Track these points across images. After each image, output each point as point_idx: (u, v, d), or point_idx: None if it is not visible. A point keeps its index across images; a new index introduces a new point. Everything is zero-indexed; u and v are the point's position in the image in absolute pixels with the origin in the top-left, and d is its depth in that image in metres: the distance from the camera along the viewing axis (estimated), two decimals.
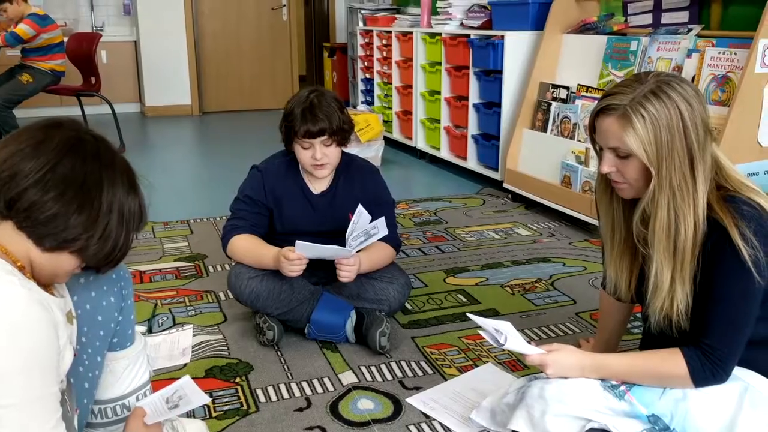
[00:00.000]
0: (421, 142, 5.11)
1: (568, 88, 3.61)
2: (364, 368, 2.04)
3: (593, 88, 3.47)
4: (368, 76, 6.04)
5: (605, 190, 1.56)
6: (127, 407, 1.47)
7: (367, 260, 2.16)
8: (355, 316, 2.15)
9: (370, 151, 4.58)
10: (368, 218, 2.04)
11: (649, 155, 1.36)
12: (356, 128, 4.45)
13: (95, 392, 1.41)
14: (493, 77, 4.11)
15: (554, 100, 3.68)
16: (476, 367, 2.04)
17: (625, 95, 1.37)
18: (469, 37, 4.28)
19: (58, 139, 1.11)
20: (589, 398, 1.44)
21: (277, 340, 2.15)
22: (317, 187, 2.27)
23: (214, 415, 1.80)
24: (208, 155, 5.64)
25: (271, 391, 1.92)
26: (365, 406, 1.85)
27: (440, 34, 4.63)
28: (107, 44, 7.03)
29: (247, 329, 2.28)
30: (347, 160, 2.30)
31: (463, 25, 4.53)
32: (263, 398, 1.88)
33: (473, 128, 4.38)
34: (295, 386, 1.94)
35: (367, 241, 2.08)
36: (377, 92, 5.81)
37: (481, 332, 1.56)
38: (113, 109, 5.41)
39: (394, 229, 2.33)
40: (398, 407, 1.84)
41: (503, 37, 3.96)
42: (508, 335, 1.48)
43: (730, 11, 3.16)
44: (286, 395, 1.90)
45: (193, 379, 1.36)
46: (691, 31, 3.12)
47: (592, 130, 1.47)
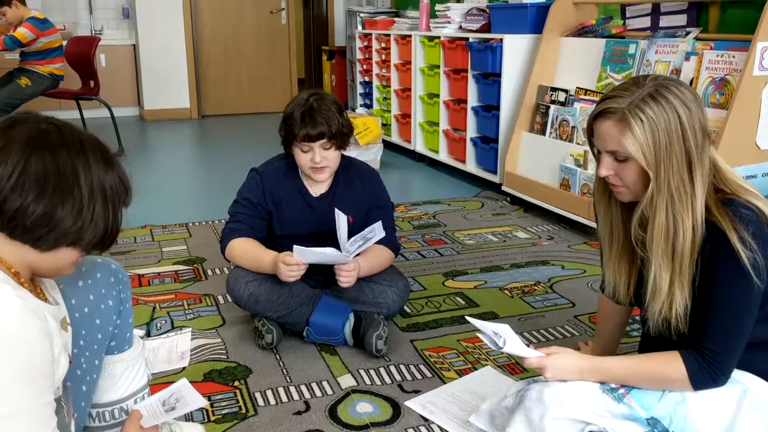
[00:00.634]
0: (419, 145, 5.12)
1: (566, 91, 3.62)
2: (362, 371, 2.03)
3: (592, 91, 3.48)
4: (367, 79, 6.04)
5: (603, 193, 1.56)
6: (125, 410, 1.47)
7: (366, 264, 2.16)
8: (353, 318, 2.15)
9: (368, 154, 4.59)
10: (345, 218, 2.03)
11: (647, 159, 1.36)
12: (355, 131, 4.44)
13: (93, 395, 1.41)
14: (491, 80, 4.11)
15: (553, 103, 3.68)
16: (475, 370, 2.04)
17: (623, 99, 1.37)
18: (467, 40, 4.29)
19: (18, 138, 1.08)
20: (588, 401, 1.44)
21: (275, 343, 2.15)
22: (316, 189, 2.27)
23: (212, 418, 1.80)
24: (207, 159, 5.64)
25: (269, 394, 1.92)
26: (364, 409, 1.84)
27: (439, 37, 4.63)
28: (106, 48, 7.04)
29: (245, 332, 2.28)
30: (346, 163, 2.30)
31: (461, 28, 4.54)
32: (262, 402, 1.88)
33: (472, 131, 4.39)
34: (293, 390, 1.94)
35: (365, 245, 2.07)
36: (376, 95, 5.82)
37: (479, 335, 1.55)
38: (112, 112, 5.41)
39: (393, 232, 2.33)
40: (397, 411, 1.83)
41: (502, 40, 3.96)
42: (506, 338, 1.48)
43: (728, 14, 3.17)
44: (284, 399, 1.90)
45: (191, 382, 1.36)
46: (689, 34, 3.13)
47: (590, 133, 1.47)
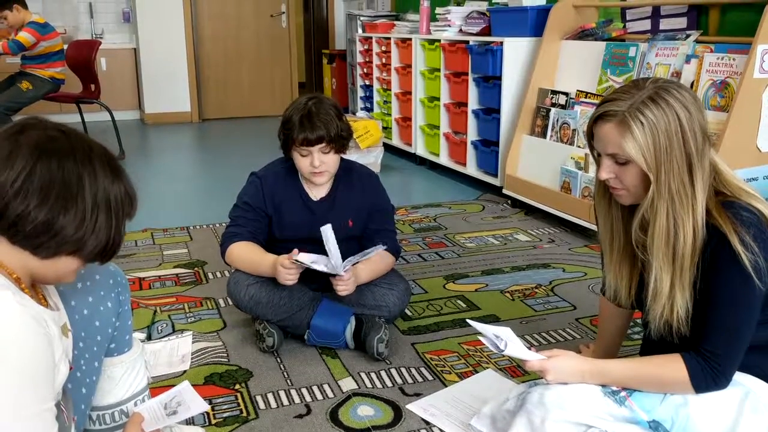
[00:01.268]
0: (420, 148, 5.12)
1: (567, 93, 3.62)
2: (364, 374, 2.03)
3: (592, 93, 3.48)
4: (367, 82, 6.05)
5: (604, 196, 1.56)
6: (125, 413, 1.47)
7: (367, 271, 2.17)
8: (354, 321, 2.15)
9: (369, 157, 4.59)
10: (332, 234, 2.01)
11: (647, 161, 1.36)
12: (356, 135, 4.45)
13: (93, 398, 1.41)
14: (492, 83, 4.12)
15: (553, 105, 3.69)
16: (476, 373, 2.04)
17: (623, 101, 1.37)
18: (468, 43, 4.29)
19: (26, 144, 1.07)
20: (589, 404, 1.43)
21: (276, 346, 2.15)
22: (316, 193, 2.27)
23: (213, 422, 1.79)
24: (207, 162, 5.65)
25: (270, 397, 1.92)
26: (365, 412, 1.84)
27: (439, 40, 4.64)
28: (107, 51, 7.05)
29: (246, 336, 2.28)
30: (346, 166, 2.30)
31: (461, 31, 4.54)
32: (263, 405, 1.88)
33: (472, 134, 4.39)
34: (294, 393, 1.94)
35: (363, 257, 2.08)
36: (376, 99, 5.82)
37: (480, 338, 1.55)
38: (113, 116, 5.41)
39: (393, 235, 2.33)
40: (398, 414, 1.83)
41: (502, 43, 3.97)
42: (508, 341, 1.48)
43: (728, 17, 3.17)
44: (285, 402, 1.90)
45: (192, 385, 1.36)
46: (689, 37, 3.13)
47: (590, 136, 1.47)
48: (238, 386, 1.97)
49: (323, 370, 2.07)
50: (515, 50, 3.95)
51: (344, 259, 2.04)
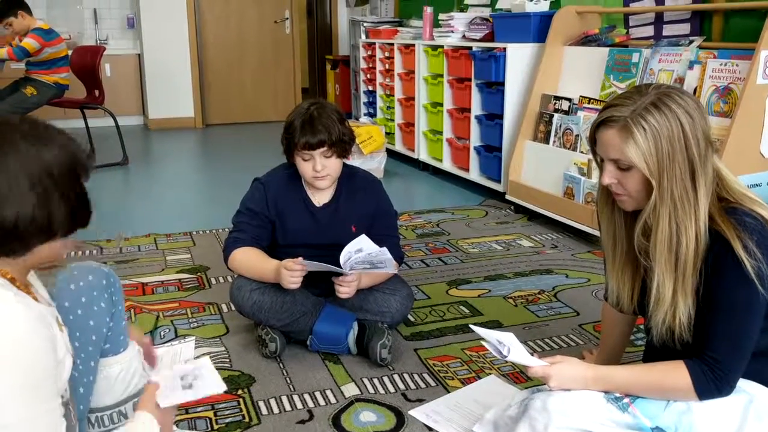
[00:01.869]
0: (423, 153, 5.12)
1: (570, 99, 3.62)
2: (366, 380, 2.03)
3: (595, 99, 3.48)
4: (371, 88, 6.06)
5: (607, 201, 1.56)
6: (123, 414, 1.47)
7: (368, 276, 2.16)
8: (357, 327, 2.15)
9: (372, 162, 4.59)
10: (370, 248, 2.01)
11: (650, 167, 1.36)
12: (359, 140, 4.47)
13: (90, 398, 1.42)
14: (495, 89, 4.12)
15: (556, 111, 3.69)
16: (479, 379, 2.03)
17: (625, 107, 1.37)
18: (471, 49, 4.30)
19: None
20: (592, 410, 1.43)
21: (279, 352, 2.15)
22: (319, 199, 2.27)
23: (216, 427, 1.79)
24: (210, 167, 5.66)
25: (273, 403, 1.92)
26: (368, 418, 1.84)
27: (442, 46, 4.64)
28: (111, 57, 7.08)
29: (249, 341, 2.28)
30: (349, 172, 2.30)
31: (465, 37, 4.55)
32: (265, 410, 1.88)
33: (475, 140, 4.39)
34: (297, 398, 1.94)
35: (370, 270, 2.08)
36: (380, 104, 5.83)
37: (484, 343, 1.55)
38: (117, 121, 5.42)
39: (397, 241, 2.33)
40: (401, 419, 1.83)
41: (505, 49, 3.97)
42: (511, 347, 1.48)
43: (731, 23, 3.17)
44: (288, 407, 1.89)
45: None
46: (692, 42, 3.13)
47: (592, 142, 1.47)
48: (240, 391, 1.97)
49: (326, 375, 2.07)
50: (518, 56, 3.96)
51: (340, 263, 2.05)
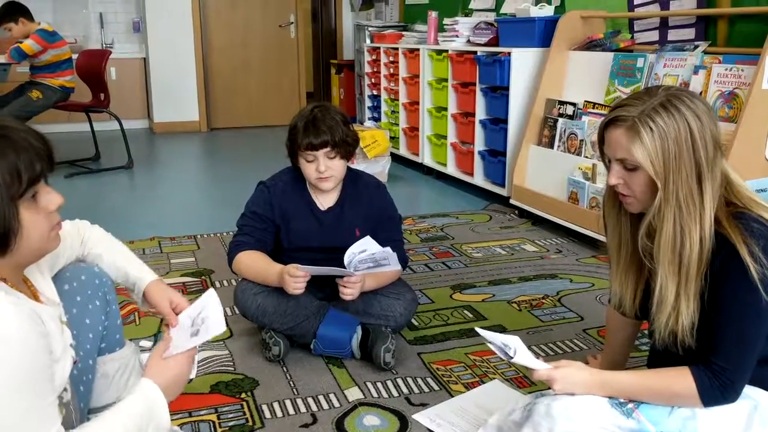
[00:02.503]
0: (427, 158, 5.12)
1: (574, 104, 3.62)
2: (370, 384, 2.03)
3: (600, 104, 3.48)
4: (375, 92, 6.07)
5: (613, 204, 1.56)
6: None
7: (372, 278, 2.16)
8: (360, 331, 2.15)
9: (376, 167, 4.60)
10: (374, 248, 2.03)
11: (655, 168, 1.35)
12: (363, 144, 4.47)
13: (90, 397, 1.42)
14: (499, 93, 4.12)
15: (561, 116, 3.69)
16: (483, 383, 2.03)
17: (634, 107, 1.37)
18: (475, 53, 4.30)
19: None
20: (596, 415, 1.42)
21: (283, 355, 2.15)
22: (324, 202, 2.27)
23: (219, 430, 1.79)
24: (215, 171, 5.67)
25: (276, 407, 1.92)
26: (371, 422, 1.84)
27: (447, 50, 4.65)
28: (116, 61, 7.09)
29: (253, 344, 2.28)
30: (354, 176, 2.31)
31: (469, 42, 4.55)
32: (269, 414, 1.88)
33: (480, 144, 4.39)
34: (300, 402, 1.94)
35: (375, 269, 2.08)
36: (384, 108, 5.84)
37: (489, 345, 1.54)
38: (122, 125, 5.44)
39: (400, 245, 2.33)
40: (404, 423, 1.82)
41: (510, 53, 3.97)
42: (517, 349, 1.47)
43: (736, 28, 3.17)
44: (291, 411, 1.89)
45: (198, 394, 1.36)
46: (697, 47, 3.13)
47: (600, 141, 1.47)
48: (244, 395, 1.97)
49: (329, 379, 2.06)
50: (523, 61, 3.96)
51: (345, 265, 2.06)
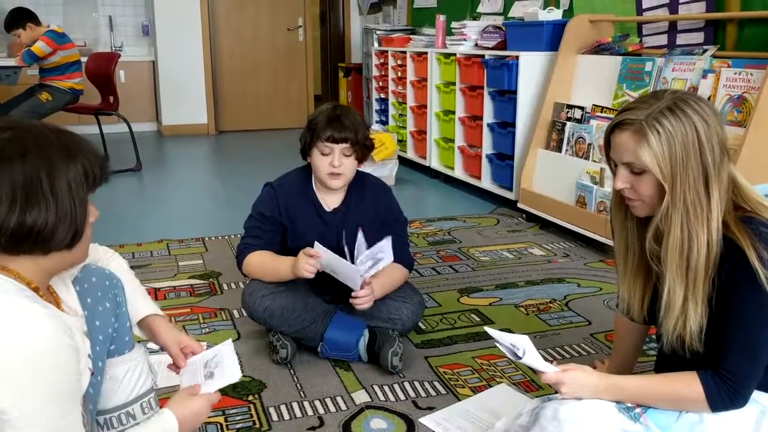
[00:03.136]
0: (435, 161, 5.12)
1: (582, 108, 3.61)
2: (377, 387, 2.03)
3: (608, 108, 3.47)
4: (383, 96, 6.07)
5: (620, 208, 1.55)
6: (132, 416, 1.47)
7: (379, 287, 2.16)
8: (368, 334, 2.15)
9: (384, 170, 4.60)
10: (364, 245, 2.06)
11: (662, 171, 1.35)
12: None
13: (99, 399, 1.43)
14: (507, 97, 4.12)
15: (569, 120, 3.68)
16: (490, 387, 2.03)
17: (641, 111, 1.37)
18: (483, 57, 4.30)
19: None
20: (603, 420, 1.42)
21: (290, 358, 2.15)
22: (330, 204, 2.28)
23: None
24: (223, 174, 5.68)
25: (283, 409, 1.92)
26: (378, 425, 1.84)
27: (455, 54, 4.65)
28: (125, 64, 7.13)
29: (260, 347, 2.29)
30: (359, 177, 2.31)
31: (477, 45, 4.55)
32: (276, 417, 1.88)
33: (487, 148, 4.39)
34: (307, 405, 1.94)
35: (374, 266, 2.08)
36: (392, 112, 5.84)
37: (498, 345, 1.53)
38: (131, 127, 5.46)
39: (406, 247, 2.34)
40: (411, 427, 1.82)
41: (518, 57, 3.97)
42: (525, 349, 1.47)
43: (745, 32, 3.16)
44: (298, 414, 1.90)
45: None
46: (706, 51, 3.12)
47: (607, 145, 1.47)
48: (251, 397, 1.98)
49: (336, 382, 2.07)
50: (531, 64, 3.96)
51: (354, 261, 2.06)
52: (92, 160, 1.17)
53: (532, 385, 2.03)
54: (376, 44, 6.28)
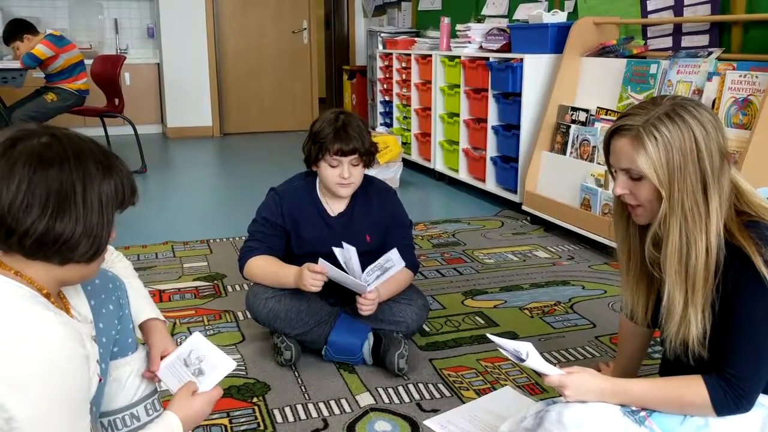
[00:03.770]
0: (439, 163, 5.12)
1: (587, 110, 3.61)
2: (381, 390, 2.03)
3: (613, 111, 3.47)
4: (387, 98, 6.08)
5: (622, 214, 1.55)
6: (136, 417, 1.47)
7: (384, 290, 2.17)
8: (372, 338, 2.15)
9: (388, 172, 4.60)
10: (354, 250, 2.06)
11: (660, 177, 1.35)
12: None
13: (102, 401, 1.43)
14: (512, 100, 4.12)
15: (573, 122, 3.68)
16: (494, 390, 2.03)
17: (639, 116, 1.37)
18: (488, 59, 4.30)
19: (20, 157, 1.07)
20: (608, 423, 1.42)
21: (294, 360, 2.15)
22: (335, 208, 2.28)
23: None
24: (228, 176, 5.69)
25: (288, 411, 1.92)
26: (382, 428, 1.84)
27: (459, 56, 4.65)
28: (131, 66, 7.15)
29: (264, 349, 2.29)
30: (366, 182, 2.31)
31: (482, 48, 4.56)
32: (280, 419, 1.88)
33: (492, 150, 4.39)
34: (312, 407, 1.94)
35: (383, 275, 2.08)
36: (396, 114, 5.84)
37: (501, 350, 1.53)
38: (136, 130, 5.48)
39: (411, 250, 2.34)
40: (415, 429, 1.82)
41: (522, 59, 3.97)
42: (529, 352, 1.47)
43: (751, 34, 3.15)
44: (303, 416, 1.90)
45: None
46: (711, 54, 3.12)
47: (606, 151, 1.47)
48: (255, 399, 1.98)
49: (341, 384, 2.07)
50: (535, 67, 3.96)
51: (363, 269, 2.06)
52: (125, 179, 1.17)
53: (536, 387, 2.03)
54: (380, 47, 6.29)
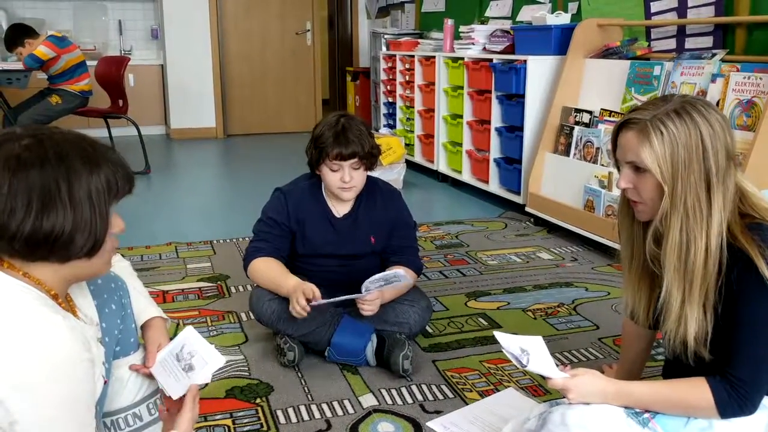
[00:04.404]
0: (442, 165, 5.12)
1: (590, 112, 3.61)
2: (384, 391, 2.03)
3: (616, 112, 3.46)
4: (391, 99, 6.08)
5: (626, 213, 1.55)
6: (138, 417, 1.48)
7: (388, 292, 2.16)
8: (375, 339, 2.15)
9: (391, 174, 4.60)
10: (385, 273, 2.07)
11: (663, 172, 1.35)
12: None
13: (104, 401, 1.43)
14: (515, 101, 4.12)
15: (577, 124, 3.68)
16: (497, 391, 2.03)
17: (648, 111, 1.37)
18: (491, 61, 4.30)
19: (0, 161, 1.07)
20: (611, 425, 1.41)
21: (297, 361, 2.15)
22: (340, 210, 2.28)
23: None
24: (231, 177, 5.70)
25: (291, 412, 1.92)
26: (385, 429, 1.84)
27: (463, 58, 4.65)
28: (135, 68, 7.16)
29: (268, 350, 2.29)
30: (369, 183, 2.31)
31: (485, 49, 4.55)
32: (283, 420, 1.88)
33: (495, 152, 4.39)
34: (315, 408, 1.94)
35: (386, 286, 2.08)
36: (399, 116, 5.85)
37: (503, 350, 1.53)
38: (140, 131, 5.49)
39: (415, 251, 2.34)
40: (418, 431, 1.82)
41: (526, 61, 3.97)
42: (533, 355, 1.46)
43: (755, 36, 3.15)
44: (306, 417, 1.90)
45: (213, 399, 1.36)
46: (715, 56, 3.11)
47: (614, 146, 1.47)
48: (258, 400, 1.98)
49: (344, 385, 2.07)
50: (539, 68, 3.96)
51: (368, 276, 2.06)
52: (117, 170, 1.16)
53: (539, 389, 2.03)
54: (384, 48, 6.29)
